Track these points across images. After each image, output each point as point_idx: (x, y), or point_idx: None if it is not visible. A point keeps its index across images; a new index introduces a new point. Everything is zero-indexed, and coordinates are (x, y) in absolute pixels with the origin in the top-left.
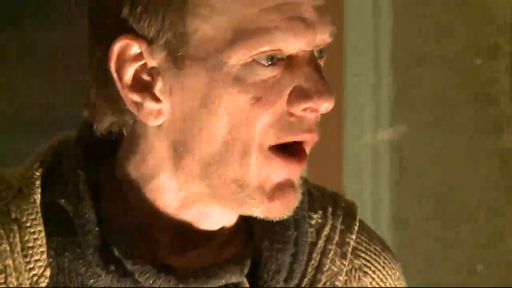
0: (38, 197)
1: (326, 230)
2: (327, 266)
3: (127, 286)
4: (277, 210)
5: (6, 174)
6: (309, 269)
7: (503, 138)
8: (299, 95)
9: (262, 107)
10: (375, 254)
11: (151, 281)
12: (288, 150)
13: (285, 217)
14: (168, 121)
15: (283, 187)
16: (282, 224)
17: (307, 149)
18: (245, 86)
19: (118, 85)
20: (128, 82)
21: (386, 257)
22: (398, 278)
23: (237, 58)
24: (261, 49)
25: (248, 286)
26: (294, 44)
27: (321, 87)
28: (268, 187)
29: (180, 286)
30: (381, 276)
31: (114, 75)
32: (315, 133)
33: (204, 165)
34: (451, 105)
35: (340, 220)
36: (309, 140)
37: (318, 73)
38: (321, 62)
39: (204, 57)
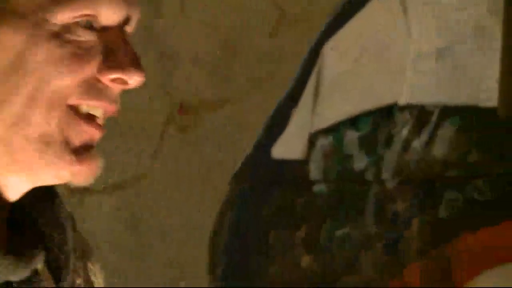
0: None
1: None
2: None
3: None
4: (84, 174)
5: None
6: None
7: None
8: (111, 64)
9: (73, 66)
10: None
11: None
12: (86, 117)
13: (87, 184)
14: None
15: (88, 150)
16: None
17: (101, 121)
18: (61, 43)
19: None
20: None
21: None
22: None
23: (59, 17)
24: (82, 13)
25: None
26: (111, 14)
27: (134, 61)
28: (74, 145)
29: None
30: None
31: None
32: (116, 106)
33: (8, 125)
34: None
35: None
36: (109, 110)
37: (131, 48)
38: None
39: (25, 13)
